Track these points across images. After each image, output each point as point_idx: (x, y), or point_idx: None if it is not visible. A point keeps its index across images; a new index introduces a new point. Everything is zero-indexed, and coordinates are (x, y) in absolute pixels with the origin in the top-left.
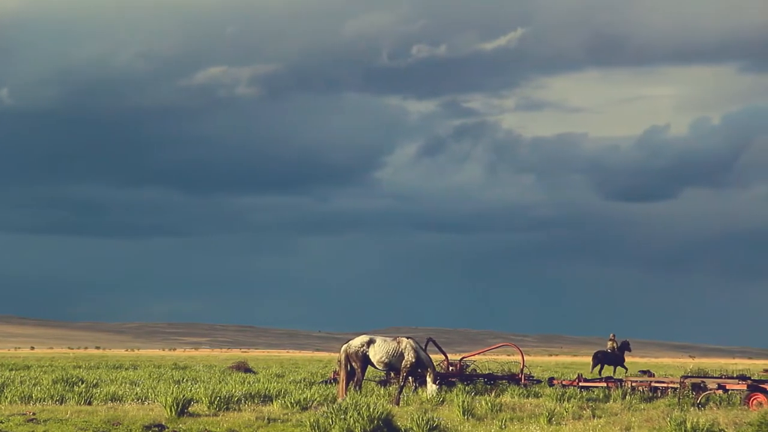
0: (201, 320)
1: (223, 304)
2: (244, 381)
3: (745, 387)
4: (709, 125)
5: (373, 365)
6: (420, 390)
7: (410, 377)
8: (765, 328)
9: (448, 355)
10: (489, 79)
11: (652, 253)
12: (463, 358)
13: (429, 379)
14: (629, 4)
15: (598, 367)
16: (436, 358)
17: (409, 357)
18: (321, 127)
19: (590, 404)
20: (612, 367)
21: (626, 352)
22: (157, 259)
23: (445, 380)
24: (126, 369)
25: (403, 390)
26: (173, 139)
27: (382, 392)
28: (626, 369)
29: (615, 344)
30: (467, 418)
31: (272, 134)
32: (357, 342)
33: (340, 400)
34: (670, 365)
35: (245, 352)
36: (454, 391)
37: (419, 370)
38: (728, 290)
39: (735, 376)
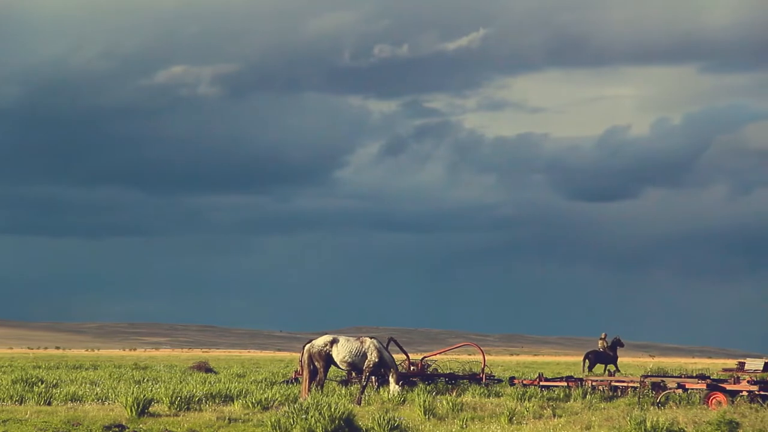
0: (162, 320)
1: (184, 304)
2: (205, 381)
3: (704, 386)
4: (669, 125)
5: (336, 365)
6: (382, 390)
7: (372, 377)
8: (724, 327)
9: (410, 354)
10: (451, 79)
11: (612, 253)
12: (425, 357)
13: (392, 379)
14: (591, 5)
15: (587, 365)
16: (398, 357)
17: (371, 357)
18: (282, 127)
19: (551, 403)
20: (603, 366)
21: (619, 349)
22: (117, 258)
23: (406, 380)
24: (86, 369)
25: (366, 390)
26: (134, 138)
27: (343, 392)
28: (618, 369)
29: (605, 343)
30: (428, 418)
31: (233, 133)
32: (320, 341)
33: (302, 399)
34: (630, 364)
35: (206, 352)
36: (416, 391)
37: (382, 369)
38: (688, 290)
39: (694, 375)
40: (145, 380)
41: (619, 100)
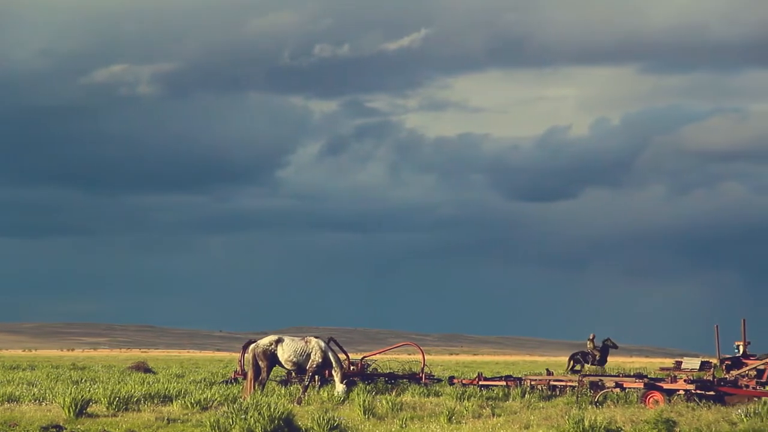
0: (100, 320)
1: (122, 304)
2: (143, 381)
3: (641, 385)
4: (609, 126)
5: (281, 364)
6: (322, 389)
7: (316, 376)
8: (662, 327)
9: (349, 354)
10: (392, 79)
11: (551, 253)
12: (364, 357)
13: (337, 379)
14: (532, 6)
15: (571, 365)
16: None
17: (315, 357)
18: (223, 126)
19: (490, 403)
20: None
21: (611, 350)
22: (55, 258)
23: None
24: (23, 369)
25: (307, 389)
26: (73, 137)
27: (283, 392)
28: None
29: (593, 344)
30: (368, 418)
31: (174, 133)
32: (266, 341)
33: (247, 398)
34: None
35: (145, 352)
36: (355, 391)
37: (327, 369)
38: (626, 289)
39: (632, 374)
40: (83, 380)
41: (560, 101)
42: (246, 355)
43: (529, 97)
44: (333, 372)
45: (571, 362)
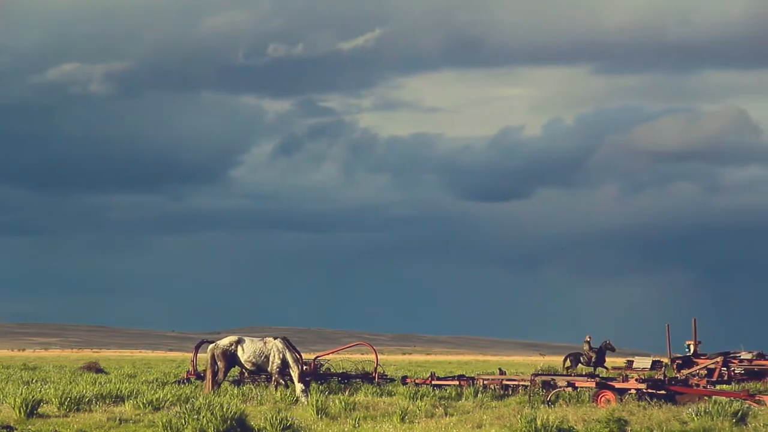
0: (51, 320)
1: (74, 304)
2: (95, 381)
3: (593, 385)
4: (562, 126)
5: (241, 365)
6: (271, 388)
7: (258, 375)
8: (613, 326)
9: (303, 354)
10: (346, 79)
11: (505, 253)
12: (317, 357)
13: (295, 379)
14: (486, 6)
15: (567, 366)
16: None
17: (275, 358)
18: (176, 125)
19: (443, 402)
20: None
21: (608, 352)
22: (6, 258)
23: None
24: None
25: (255, 389)
26: (25, 136)
27: (235, 392)
28: (606, 368)
29: (590, 345)
30: (321, 417)
31: (127, 132)
32: (225, 341)
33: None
34: (521, 363)
35: (97, 352)
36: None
37: (285, 369)
38: (579, 289)
39: (584, 374)
40: (34, 381)
41: (513, 101)
42: (204, 355)
43: (482, 97)
44: (291, 372)
45: (567, 362)
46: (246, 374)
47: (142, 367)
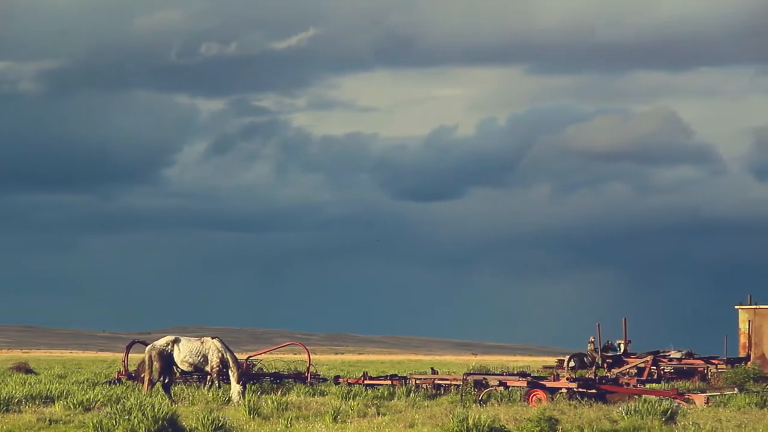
0: None
1: (3, 304)
2: (24, 382)
3: (525, 384)
4: (495, 126)
5: (177, 365)
6: (204, 388)
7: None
8: (545, 326)
9: (236, 354)
10: (280, 78)
11: (437, 252)
12: (250, 357)
13: (233, 380)
14: (420, 6)
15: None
16: None
17: (213, 357)
18: (108, 125)
19: (375, 402)
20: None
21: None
22: None
23: (227, 379)
24: None
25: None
26: None
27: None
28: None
29: (593, 347)
30: (253, 417)
31: (58, 131)
32: (162, 341)
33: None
34: (454, 363)
35: (26, 352)
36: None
37: (224, 369)
38: (511, 289)
39: (515, 373)
40: None
41: (447, 101)
42: (137, 355)
43: (416, 97)
44: (230, 372)
45: (571, 362)
46: (177, 375)
47: (72, 368)
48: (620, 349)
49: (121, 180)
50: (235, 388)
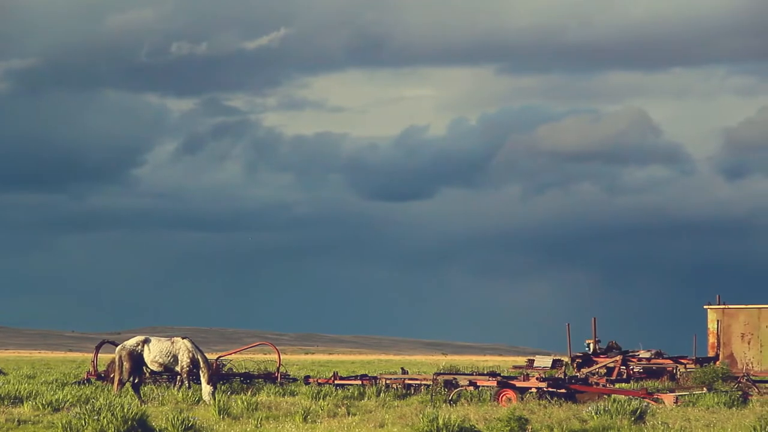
0: None
1: None
2: None
3: (495, 383)
4: (466, 126)
5: (147, 365)
6: (174, 389)
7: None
8: (515, 325)
9: (206, 354)
10: (251, 78)
11: (408, 252)
12: (220, 357)
13: (204, 380)
14: (391, 6)
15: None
16: None
17: (183, 358)
18: (78, 124)
19: (345, 402)
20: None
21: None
22: None
23: (198, 380)
24: None
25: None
26: None
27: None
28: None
29: (595, 346)
30: (223, 418)
31: (27, 130)
32: (132, 342)
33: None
34: (423, 362)
35: None
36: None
37: (195, 370)
38: (481, 289)
39: (486, 372)
40: None
41: (418, 101)
42: (106, 355)
43: (388, 97)
44: (201, 373)
45: (574, 363)
46: (146, 375)
47: (41, 368)
48: (590, 349)
49: (91, 180)
50: (206, 388)
